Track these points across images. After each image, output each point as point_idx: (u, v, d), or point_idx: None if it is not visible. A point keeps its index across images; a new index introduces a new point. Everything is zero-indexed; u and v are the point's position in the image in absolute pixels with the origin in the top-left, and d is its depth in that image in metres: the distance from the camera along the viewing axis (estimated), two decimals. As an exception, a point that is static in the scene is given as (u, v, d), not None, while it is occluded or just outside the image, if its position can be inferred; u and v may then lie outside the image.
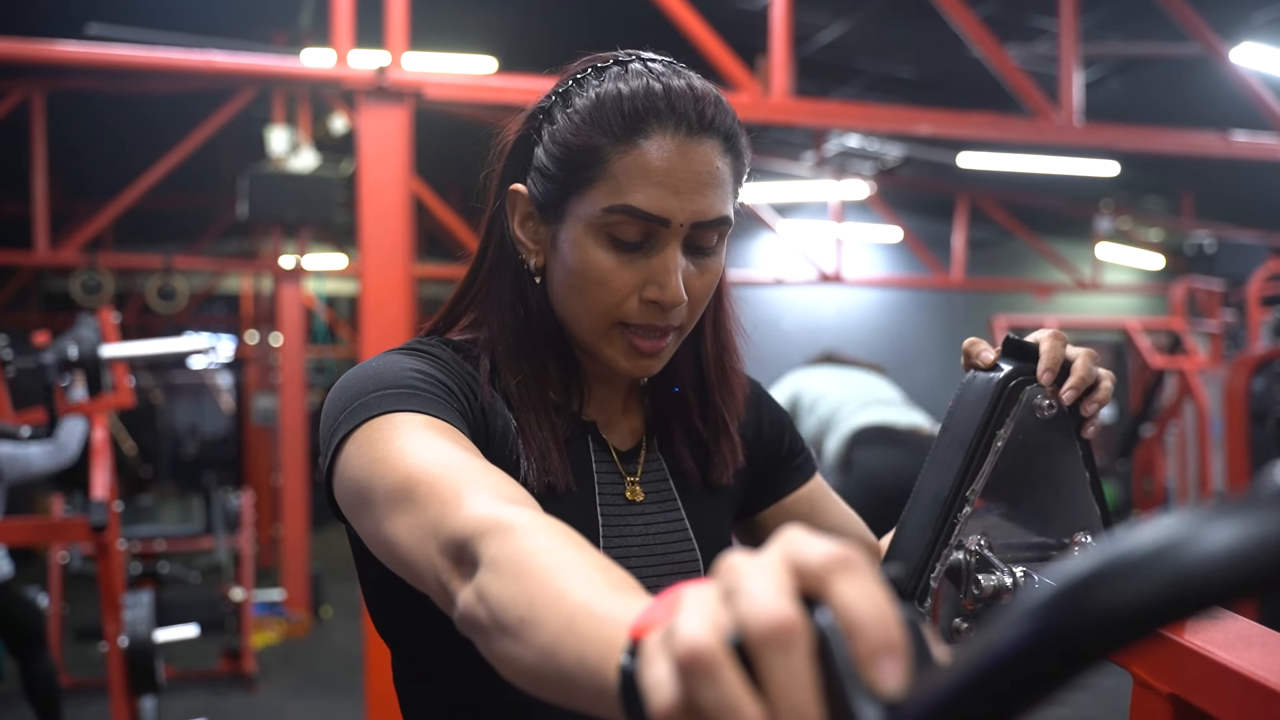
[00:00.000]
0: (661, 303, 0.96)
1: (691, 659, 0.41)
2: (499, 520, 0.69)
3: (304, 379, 8.74)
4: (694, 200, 0.95)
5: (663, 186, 0.94)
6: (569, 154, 0.97)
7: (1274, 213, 11.75)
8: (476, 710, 0.99)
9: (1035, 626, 0.35)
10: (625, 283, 0.97)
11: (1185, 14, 5.54)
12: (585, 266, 0.97)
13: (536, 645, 0.59)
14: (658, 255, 0.96)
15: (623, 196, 0.95)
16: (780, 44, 4.77)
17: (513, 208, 1.04)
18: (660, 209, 0.94)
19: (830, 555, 0.42)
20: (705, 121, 0.96)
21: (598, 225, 0.96)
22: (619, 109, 0.96)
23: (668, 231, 0.96)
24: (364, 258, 4.11)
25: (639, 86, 0.96)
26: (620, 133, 0.95)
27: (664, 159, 0.94)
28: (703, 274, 0.99)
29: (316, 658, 7.30)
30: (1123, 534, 0.35)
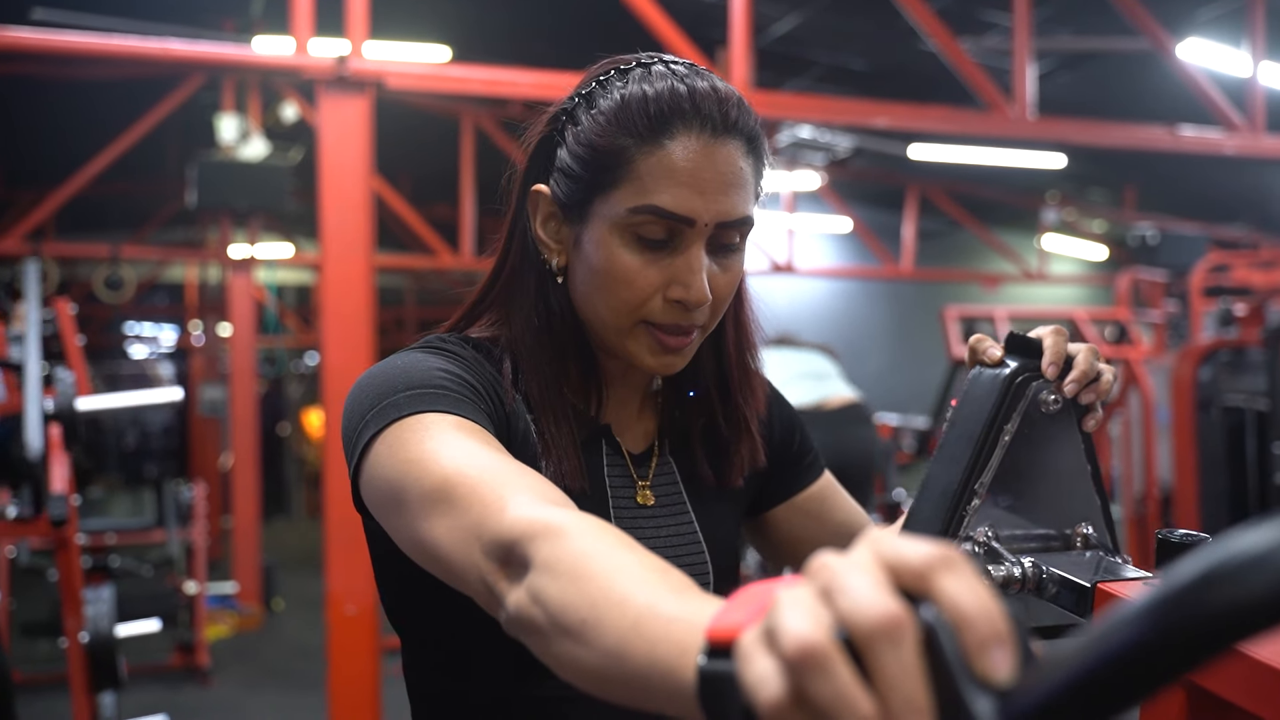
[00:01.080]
0: (686, 302, 0.97)
1: (804, 654, 0.43)
2: (548, 523, 0.70)
3: (254, 369, 8.65)
4: (718, 200, 0.96)
5: (688, 187, 0.95)
6: (594, 154, 0.98)
7: (1213, 205, 12.00)
8: (492, 703, 1.00)
9: (1158, 621, 0.37)
10: (650, 282, 0.98)
11: (1133, 9, 5.64)
12: (610, 266, 0.98)
13: (601, 647, 0.61)
14: (682, 255, 0.97)
15: (648, 197, 0.95)
16: (739, 36, 4.79)
17: (535, 208, 1.04)
18: (686, 209, 0.95)
19: (932, 553, 0.44)
20: (729, 123, 0.97)
21: (623, 225, 0.97)
22: (644, 110, 0.96)
23: (692, 231, 0.97)
24: (325, 248, 4.08)
25: (664, 88, 0.97)
26: (646, 134, 0.96)
27: (689, 159, 0.95)
28: (725, 273, 1.00)
29: (270, 650, 7.25)
30: (1234, 534, 0.37)
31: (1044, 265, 12.09)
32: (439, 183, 10.09)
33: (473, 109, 8.60)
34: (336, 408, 4.05)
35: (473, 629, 0.97)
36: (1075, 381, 1.01)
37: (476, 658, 0.99)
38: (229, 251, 8.52)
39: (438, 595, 0.95)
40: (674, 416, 1.13)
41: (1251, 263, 8.46)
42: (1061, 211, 11.68)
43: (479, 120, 8.65)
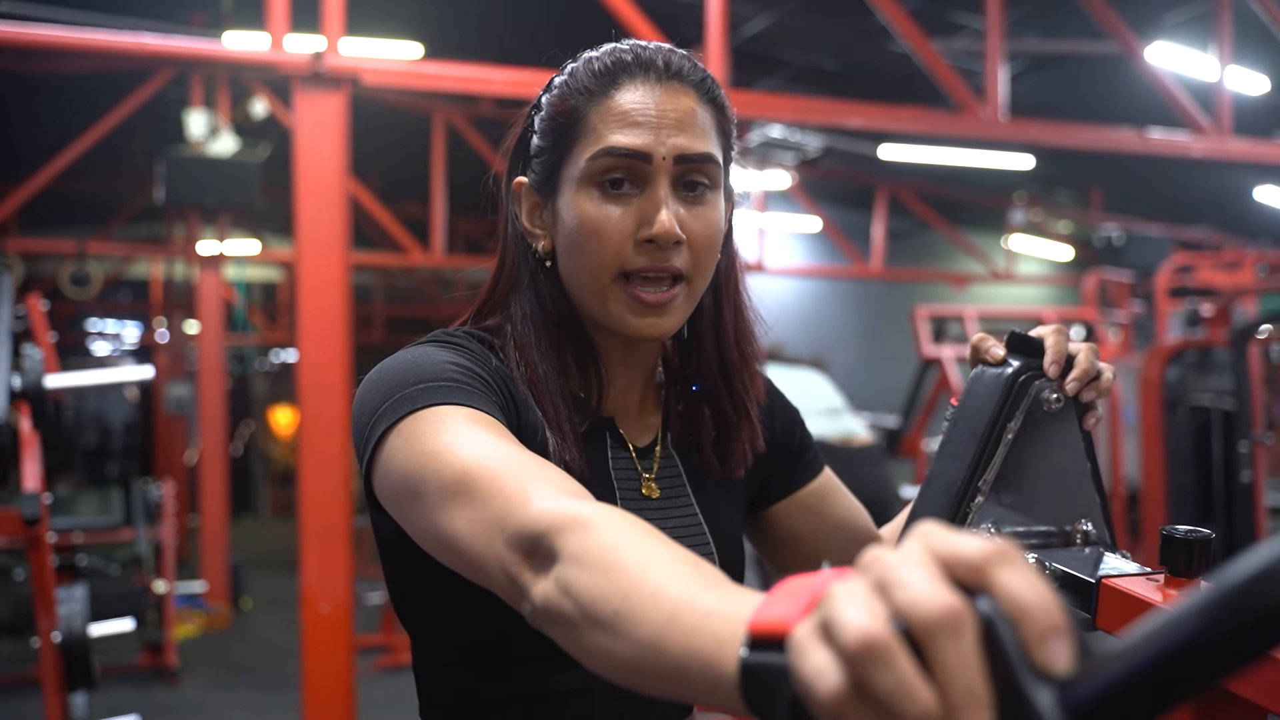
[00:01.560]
0: (656, 239, 0.98)
1: (866, 646, 0.43)
2: (575, 515, 0.71)
3: (223, 367, 8.58)
4: (673, 135, 0.98)
5: (639, 125, 0.98)
6: (554, 124, 1.02)
7: (1177, 207, 12.15)
8: (504, 697, 1.00)
9: (1220, 615, 0.38)
10: (620, 229, 0.99)
11: (1102, 12, 5.70)
12: (580, 221, 1.00)
13: (636, 639, 0.61)
14: (646, 194, 0.99)
15: (603, 141, 0.99)
16: (715, 35, 4.80)
17: (519, 202, 1.08)
18: (640, 144, 0.98)
19: (988, 548, 0.45)
20: (674, 69, 1.01)
21: (586, 177, 0.99)
22: (590, 70, 1.02)
23: (651, 168, 0.98)
24: (300, 246, 4.06)
25: (607, 50, 1.03)
26: (595, 89, 1.00)
27: (638, 101, 0.99)
28: (699, 219, 1.00)
29: (239, 650, 7.20)
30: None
31: (1011, 265, 12.20)
32: (408, 180, 10.06)
33: (444, 106, 8.57)
34: (312, 405, 4.03)
35: (484, 623, 0.98)
36: (1077, 380, 1.03)
37: (488, 652, 0.99)
38: (197, 248, 8.44)
39: (449, 589, 0.96)
40: (678, 410, 1.13)
41: (1215, 264, 8.58)
42: (1028, 212, 11.79)
43: (450, 118, 8.63)
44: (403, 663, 6.46)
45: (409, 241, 9.25)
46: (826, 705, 0.45)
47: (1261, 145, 6.58)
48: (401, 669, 6.42)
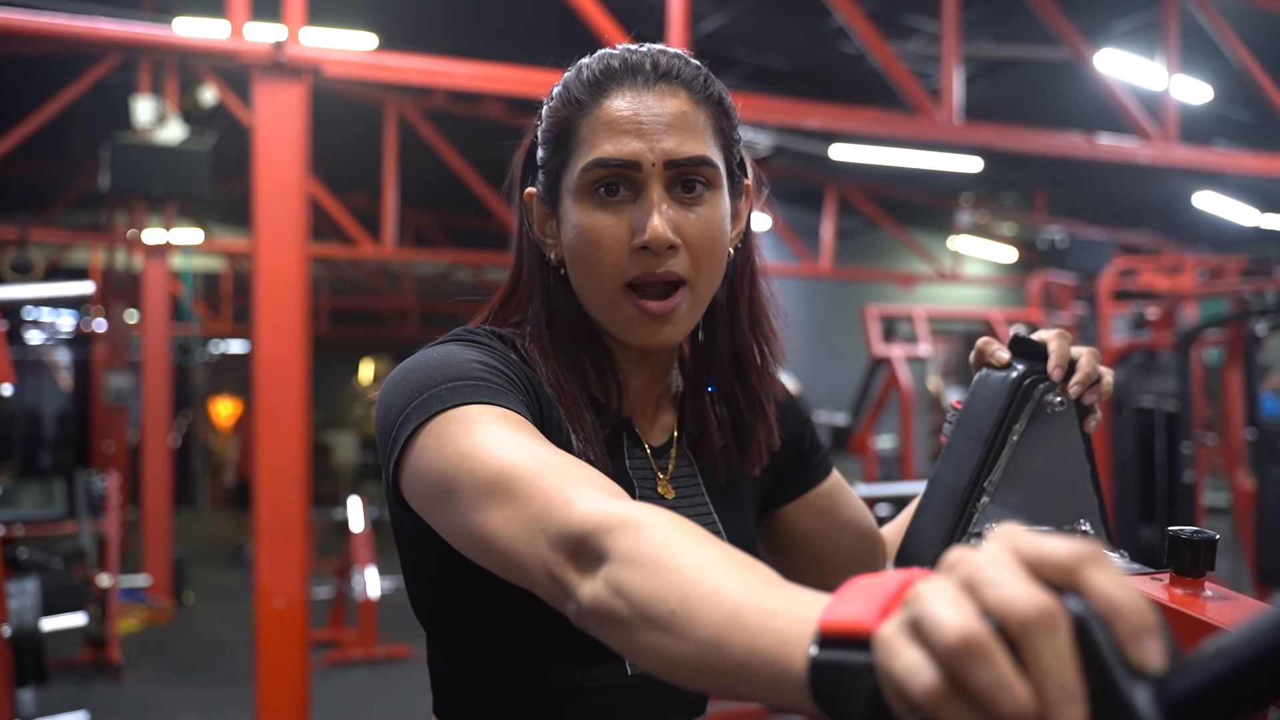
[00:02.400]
0: (649, 245, 0.97)
1: (965, 644, 0.45)
2: (624, 516, 0.71)
3: (168, 357, 8.46)
4: (662, 139, 0.98)
5: (627, 133, 0.98)
6: (550, 136, 1.03)
7: (1119, 211, 12.36)
8: (521, 692, 1.01)
9: None
10: (615, 238, 0.99)
11: (1054, 19, 5.79)
12: (580, 232, 1.00)
13: (696, 638, 0.62)
14: (639, 201, 0.99)
15: (593, 152, 0.99)
16: (677, 33, 4.81)
17: (530, 213, 1.08)
18: (628, 153, 0.98)
19: (1078, 549, 0.46)
20: (661, 70, 1.00)
21: (580, 189, 1.00)
22: (579, 80, 1.02)
23: (643, 175, 0.98)
24: (258, 237, 4.02)
25: (598, 57, 1.03)
26: (585, 99, 1.00)
27: (625, 108, 0.99)
28: (697, 221, 0.99)
29: (182, 644, 7.11)
30: None
31: (957, 266, 12.34)
32: (357, 171, 9.97)
33: (397, 98, 8.51)
34: (268, 398, 3.99)
35: (506, 620, 0.98)
36: (1079, 383, 1.05)
37: (507, 648, 1.00)
38: (144, 237, 8.31)
39: (472, 587, 0.96)
40: (692, 410, 1.14)
41: (1157, 268, 8.74)
42: (974, 214, 11.94)
43: (403, 109, 8.57)
44: (351, 658, 6.42)
45: (359, 233, 9.17)
46: (921, 702, 0.46)
47: (1204, 153, 6.73)
48: (351, 664, 6.38)
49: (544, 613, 0.96)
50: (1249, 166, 7.01)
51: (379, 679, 6.17)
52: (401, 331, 16.88)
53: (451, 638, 1.04)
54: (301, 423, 4.03)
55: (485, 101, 8.65)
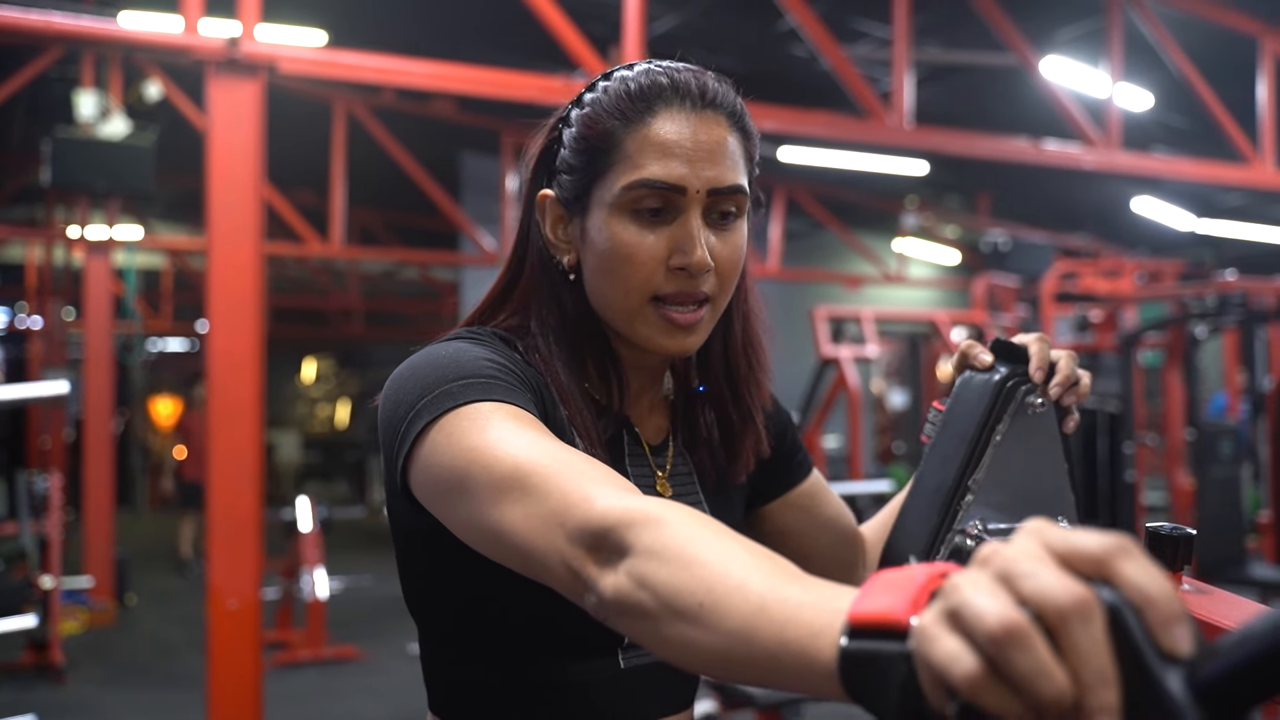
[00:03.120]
0: (688, 268, 1.00)
1: (1008, 631, 0.47)
2: (645, 512, 0.73)
3: (111, 356, 8.33)
4: (707, 168, 1.01)
5: (675, 157, 1.00)
6: (586, 144, 1.03)
7: (1060, 215, 12.58)
8: (516, 688, 1.02)
9: None
10: (652, 255, 1.01)
11: (1001, 25, 5.89)
12: (613, 246, 1.02)
13: (724, 630, 0.64)
14: (679, 224, 1.01)
15: (639, 172, 1.00)
16: (633, 34, 4.83)
17: (543, 214, 1.09)
18: (676, 178, 1.00)
19: (1110, 542, 0.49)
20: (709, 97, 1.03)
21: (620, 204, 1.01)
22: (627, 93, 1.02)
23: (685, 200, 1.01)
24: (212, 235, 3.98)
25: (643, 72, 1.04)
26: (631, 114, 1.02)
27: (674, 132, 1.01)
28: (725, 245, 1.03)
29: (125, 647, 7.02)
30: None
31: (902, 268, 12.49)
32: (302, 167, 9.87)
33: (345, 95, 8.45)
34: (222, 397, 3.96)
35: (500, 615, 1.00)
36: (1059, 385, 1.08)
37: (502, 643, 1.01)
38: (86, 233, 8.18)
39: (474, 582, 0.99)
40: (685, 412, 1.16)
41: (1097, 271, 8.93)
42: (920, 216, 12.08)
43: (352, 106, 8.51)
44: (300, 659, 6.37)
45: (307, 231, 9.09)
46: (962, 687, 0.48)
47: (1145, 159, 6.88)
48: (299, 666, 6.33)
49: (541, 608, 0.99)
50: (1187, 173, 7.17)
51: (328, 680, 6.13)
52: (346, 330, 16.74)
53: (447, 633, 1.05)
54: (256, 421, 4.01)
55: (435, 100, 8.62)
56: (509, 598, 0.99)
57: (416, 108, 8.75)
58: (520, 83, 4.78)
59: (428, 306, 16.32)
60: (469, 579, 0.99)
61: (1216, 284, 7.45)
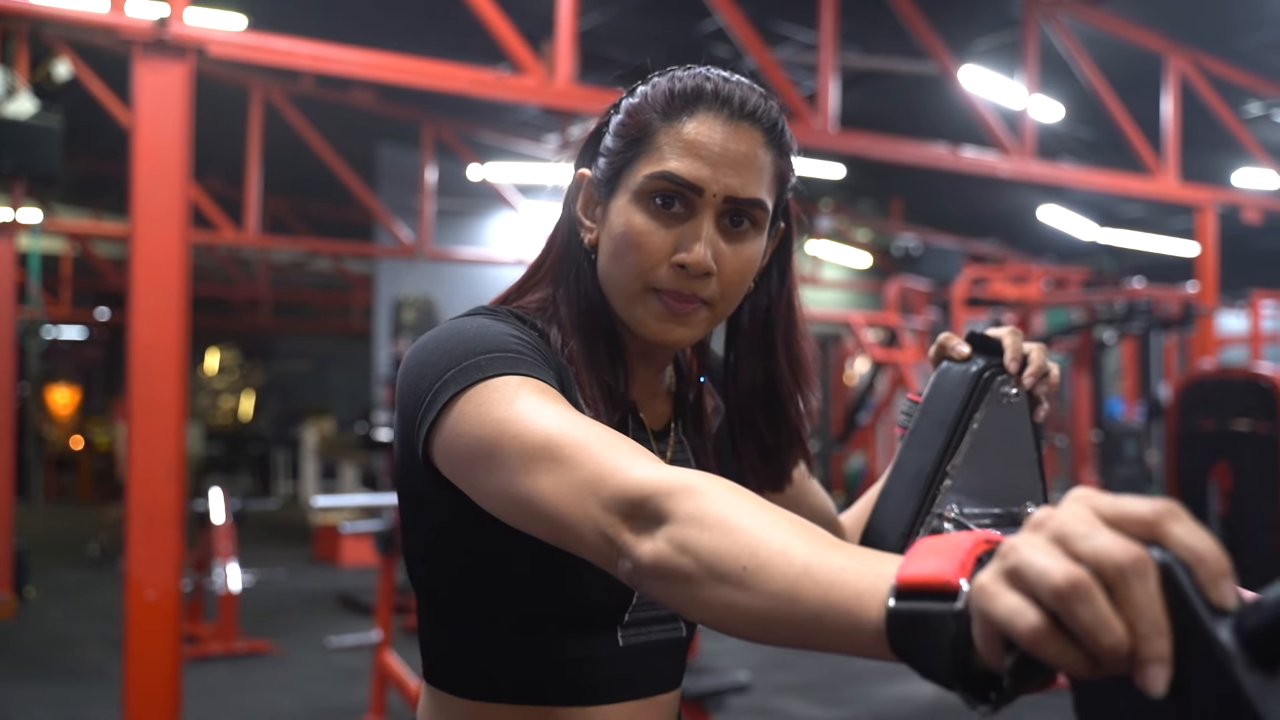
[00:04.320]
0: (687, 266, 1.03)
1: (1073, 586, 0.51)
2: (683, 482, 0.76)
3: (13, 342, 8.07)
4: (730, 175, 1.03)
5: (700, 159, 1.03)
6: (625, 131, 1.07)
7: (969, 221, 12.88)
8: (514, 662, 1.04)
9: None
10: (658, 246, 1.04)
11: (923, 34, 6.03)
12: (625, 231, 1.04)
13: (769, 592, 0.68)
14: (691, 223, 1.04)
15: (664, 164, 1.03)
16: (566, 30, 4.85)
17: (578, 191, 1.12)
18: (694, 177, 1.03)
19: (1160, 507, 0.54)
20: (748, 109, 1.05)
21: (640, 192, 1.04)
22: (670, 90, 1.05)
23: (701, 200, 1.03)
24: (137, 221, 3.89)
25: (693, 75, 1.07)
26: (669, 111, 1.05)
27: (704, 135, 1.03)
28: (735, 255, 1.05)
29: (25, 641, 6.82)
30: None
31: (816, 270, 12.67)
32: (211, 154, 9.68)
33: (263, 81, 8.32)
34: (144, 386, 3.88)
35: (506, 590, 1.03)
36: (1033, 375, 1.14)
37: (505, 618, 1.04)
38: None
39: (474, 552, 1.02)
40: (693, 401, 1.19)
41: (1005, 277, 9.16)
42: (834, 220, 12.28)
43: (269, 93, 8.38)
44: (211, 653, 6.26)
45: (220, 218, 8.93)
46: (1026, 640, 0.52)
47: (1057, 168, 7.08)
48: (210, 659, 6.22)
49: (546, 583, 1.01)
50: (1096, 183, 7.41)
51: (239, 674, 6.04)
52: (252, 321, 16.46)
53: (448, 603, 1.07)
54: (179, 411, 3.93)
55: (355, 89, 8.53)
56: (514, 572, 1.01)
57: (335, 96, 8.65)
58: (452, 74, 4.76)
59: (338, 298, 16.12)
60: (475, 553, 1.02)
61: (1125, 291, 7.70)
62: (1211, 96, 7.49)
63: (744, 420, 1.19)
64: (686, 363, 1.21)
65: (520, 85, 4.84)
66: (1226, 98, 7.74)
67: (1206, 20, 7.28)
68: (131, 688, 3.88)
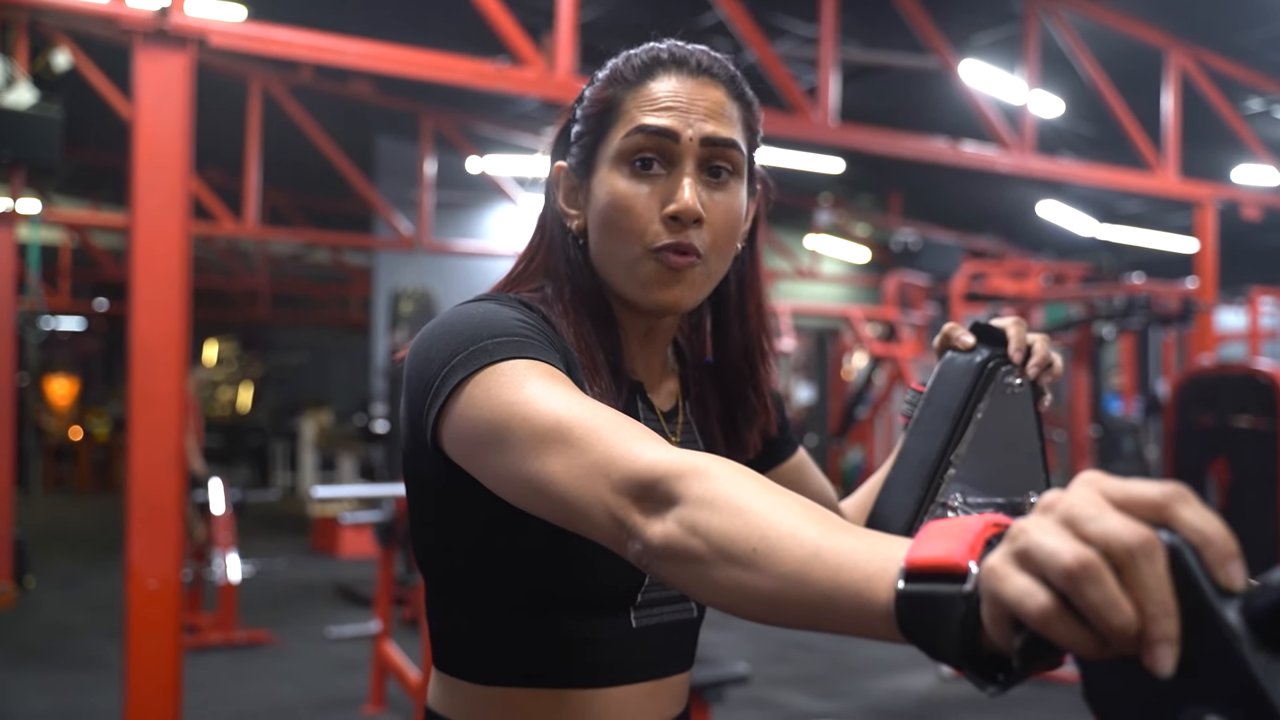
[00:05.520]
0: (680, 215, 1.04)
1: (1083, 567, 0.51)
2: (693, 465, 0.77)
3: (11, 333, 8.07)
4: (701, 120, 1.06)
5: (670, 110, 1.06)
6: (592, 109, 1.09)
7: (968, 216, 12.88)
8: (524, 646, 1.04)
9: None
10: (648, 205, 1.05)
11: (924, 28, 6.03)
12: (612, 199, 1.06)
13: (778, 573, 0.68)
14: (673, 174, 1.06)
15: (635, 122, 1.06)
16: (566, 22, 4.85)
17: (557, 184, 1.13)
18: (669, 125, 1.05)
19: (1169, 490, 0.54)
20: (706, 66, 1.09)
21: (619, 157, 1.06)
22: (629, 63, 1.09)
23: (679, 148, 1.05)
24: (137, 212, 3.89)
25: (647, 49, 1.10)
26: (632, 79, 1.08)
27: (670, 89, 1.07)
28: (719, 203, 1.07)
29: (27, 629, 6.83)
30: None
31: (815, 264, 12.67)
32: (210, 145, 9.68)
33: (262, 72, 8.31)
34: (144, 376, 3.88)
35: (516, 572, 1.03)
36: (1037, 365, 1.15)
37: (515, 601, 1.04)
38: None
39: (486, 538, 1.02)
40: (696, 381, 1.20)
41: (1004, 272, 9.17)
42: (833, 214, 12.28)
43: (268, 84, 8.37)
44: (210, 643, 6.27)
45: (220, 210, 8.92)
46: (1037, 620, 0.53)
47: (1056, 163, 7.08)
48: (210, 649, 6.23)
49: (558, 566, 1.02)
50: (1096, 178, 7.41)
51: (239, 664, 6.05)
52: (251, 312, 16.44)
53: (459, 590, 1.07)
54: (179, 402, 3.94)
55: (354, 81, 8.52)
56: (526, 555, 1.02)
57: (334, 88, 8.64)
58: (452, 66, 4.76)
59: (336, 290, 16.12)
60: (485, 537, 1.02)
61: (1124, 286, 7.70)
62: (1212, 92, 7.49)
63: (732, 386, 1.20)
64: (686, 342, 1.22)
65: (520, 77, 4.84)
66: (1227, 93, 7.75)
67: (1207, 15, 7.28)
68: (133, 677, 3.89)
